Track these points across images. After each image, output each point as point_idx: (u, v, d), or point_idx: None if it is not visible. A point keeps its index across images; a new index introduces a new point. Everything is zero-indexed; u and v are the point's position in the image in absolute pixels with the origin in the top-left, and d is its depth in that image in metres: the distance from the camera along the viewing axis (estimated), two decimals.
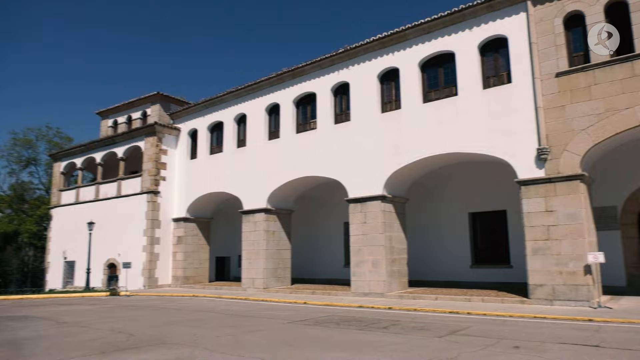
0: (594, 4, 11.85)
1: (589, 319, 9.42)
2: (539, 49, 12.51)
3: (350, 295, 15.32)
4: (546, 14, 12.53)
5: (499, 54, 13.50)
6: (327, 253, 20.99)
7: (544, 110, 12.23)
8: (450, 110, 13.96)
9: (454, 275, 17.03)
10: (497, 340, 7.58)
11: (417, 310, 11.65)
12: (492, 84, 13.52)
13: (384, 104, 15.69)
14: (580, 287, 11.29)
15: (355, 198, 15.66)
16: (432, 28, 14.49)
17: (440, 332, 8.51)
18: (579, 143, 11.68)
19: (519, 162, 12.56)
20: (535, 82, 12.40)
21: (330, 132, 16.69)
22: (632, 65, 11.19)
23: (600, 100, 11.51)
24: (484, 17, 13.55)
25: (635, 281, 13.59)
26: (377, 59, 15.73)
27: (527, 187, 12.33)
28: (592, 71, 11.70)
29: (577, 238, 11.48)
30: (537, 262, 11.93)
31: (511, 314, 10.39)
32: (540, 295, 11.78)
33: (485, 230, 17.26)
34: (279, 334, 8.78)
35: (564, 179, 11.79)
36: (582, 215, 11.53)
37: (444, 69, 14.55)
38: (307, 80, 17.63)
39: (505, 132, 12.85)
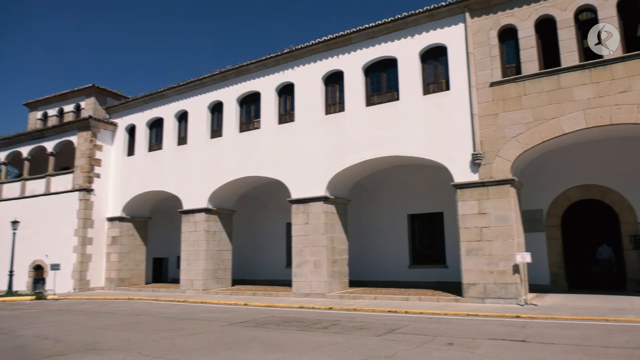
0: (526, 19, 12.61)
1: (517, 316, 10.00)
2: (475, 59, 13.12)
3: (291, 296, 15.32)
4: (482, 26, 13.17)
5: (439, 61, 14.03)
6: (269, 254, 20.87)
7: (478, 118, 12.85)
8: (392, 114, 14.33)
9: (393, 275, 17.48)
10: (432, 338, 7.86)
11: (357, 310, 11.85)
12: (431, 90, 14.02)
13: (328, 106, 15.84)
14: (509, 285, 11.96)
15: (298, 199, 15.69)
16: (376, 33, 14.80)
17: (379, 331, 8.70)
18: (510, 149, 12.38)
19: (455, 166, 13.11)
20: (472, 90, 13.00)
21: (274, 132, 16.62)
22: (558, 79, 12.01)
23: (530, 110, 12.26)
24: (425, 25, 14.03)
25: (558, 280, 14.58)
26: (322, 60, 15.86)
27: (462, 191, 12.89)
28: (523, 82, 12.44)
29: (507, 239, 12.15)
30: (471, 262, 12.50)
31: (446, 312, 10.81)
32: (473, 293, 12.35)
33: (423, 231, 17.86)
34: (218, 336, 8.61)
35: (496, 183, 12.45)
36: (512, 217, 12.22)
37: (387, 74, 14.91)
38: (251, 79, 17.45)
39: (443, 137, 13.36)
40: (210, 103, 18.47)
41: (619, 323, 8.86)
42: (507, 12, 12.87)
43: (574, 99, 11.74)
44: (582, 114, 11.60)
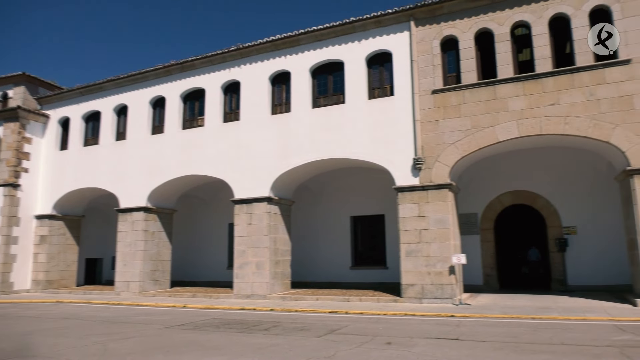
0: (467, 31, 13.17)
1: (452, 315, 10.40)
2: (419, 66, 13.54)
3: (232, 297, 15.08)
4: (426, 35, 13.62)
5: (384, 67, 14.35)
6: (210, 255, 20.45)
7: (420, 124, 13.26)
8: (337, 117, 14.48)
9: (335, 277, 17.66)
10: (371, 338, 8.01)
11: (299, 311, 11.85)
12: (376, 95, 14.31)
13: (274, 106, 15.76)
14: (445, 286, 12.42)
15: (241, 199, 15.48)
16: (324, 36, 14.91)
17: (319, 331, 8.74)
18: (449, 155, 12.87)
19: (397, 170, 13.45)
20: (415, 97, 13.40)
21: (219, 131, 16.31)
22: (495, 89, 12.64)
23: (468, 118, 12.81)
24: (372, 31, 14.31)
25: (490, 280, 15.33)
26: (270, 60, 15.76)
27: (403, 194, 13.24)
28: (462, 91, 12.99)
29: (444, 241, 12.61)
30: (410, 263, 12.87)
31: (385, 313, 11.06)
32: (411, 294, 12.72)
33: (365, 233, 18.18)
34: (154, 340, 8.31)
35: (435, 187, 12.89)
36: (450, 220, 12.70)
37: (334, 77, 15.06)
38: (196, 75, 17.02)
39: (386, 141, 13.67)
40: (152, 98, 17.83)
41: (544, 321, 9.43)
42: (449, 23, 13.39)
43: (509, 109, 12.40)
44: (515, 124, 12.27)
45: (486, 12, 13.01)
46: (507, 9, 12.79)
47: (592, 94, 11.67)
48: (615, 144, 11.38)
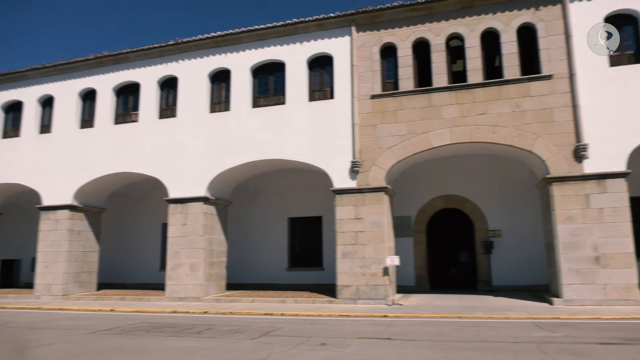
0: (405, 39, 13.60)
1: (384, 315, 10.66)
2: (358, 71, 13.80)
3: (164, 300, 14.56)
4: (367, 41, 13.91)
5: (325, 70, 14.48)
6: (142, 256, 19.63)
7: (359, 127, 13.51)
8: (278, 117, 14.42)
9: (272, 278, 17.56)
10: (306, 339, 8.02)
11: (233, 314, 11.66)
12: (317, 97, 14.41)
13: (213, 104, 15.42)
14: (379, 287, 12.71)
15: (176, 198, 15.01)
16: (266, 36, 14.80)
17: (254, 334, 8.64)
18: (386, 159, 13.21)
19: (335, 172, 13.61)
20: (354, 101, 13.63)
21: (154, 127, 15.71)
22: (430, 97, 13.13)
23: (404, 123, 13.22)
24: (314, 34, 14.40)
25: (421, 281, 15.88)
26: (210, 57, 15.41)
27: (341, 196, 13.42)
28: (400, 98, 13.38)
29: (379, 243, 12.91)
30: (346, 264, 13.05)
31: (320, 314, 11.14)
32: (347, 295, 12.90)
33: (303, 234, 18.24)
34: (77, 346, 7.84)
35: (372, 190, 13.18)
36: (385, 223, 13.03)
37: (275, 77, 14.99)
38: (131, 68, 16.30)
39: (325, 143, 13.80)
40: (82, 90, 16.86)
41: (470, 319, 9.89)
42: (389, 30, 13.75)
43: (442, 116, 12.93)
44: (448, 131, 12.82)
45: (424, 23, 13.50)
46: (443, 20, 13.35)
47: (518, 105, 12.44)
48: (537, 153, 12.19)
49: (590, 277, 11.35)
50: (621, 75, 11.92)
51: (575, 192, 11.77)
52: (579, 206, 11.70)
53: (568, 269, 11.52)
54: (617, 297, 11.12)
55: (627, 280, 11.15)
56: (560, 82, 12.24)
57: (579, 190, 11.75)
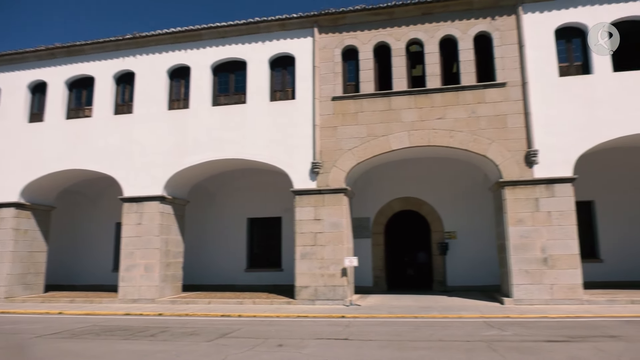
0: (366, 43, 13.76)
1: (342, 316, 10.73)
2: (320, 73, 13.85)
3: (117, 302, 14.09)
4: (329, 42, 13.98)
5: (287, 70, 14.44)
6: (94, 256, 18.91)
7: (320, 129, 13.56)
8: (238, 117, 14.26)
9: (230, 279, 17.33)
10: (263, 340, 7.97)
11: (189, 315, 11.43)
12: (278, 97, 14.35)
13: (171, 101, 15.07)
14: (338, 287, 12.79)
15: (132, 197, 14.56)
16: (227, 33, 14.61)
17: (210, 336, 8.50)
18: (346, 161, 13.32)
19: (295, 173, 13.59)
20: (315, 102, 13.67)
21: (109, 123, 15.18)
22: (390, 101, 13.35)
23: (365, 126, 13.37)
24: (277, 33, 14.33)
25: (379, 281, 16.10)
26: (169, 53, 15.05)
27: (300, 197, 13.42)
28: (360, 100, 13.53)
29: (338, 244, 13.00)
30: (304, 265, 13.06)
31: (278, 315, 11.09)
32: (305, 296, 12.91)
33: (262, 235, 18.10)
34: (22, 351, 7.45)
35: (331, 191, 13.25)
36: (344, 224, 13.13)
37: (236, 76, 14.82)
38: (85, 61, 15.69)
39: (286, 144, 13.76)
40: (31, 82, 16.08)
41: (425, 319, 10.11)
42: (351, 33, 13.88)
43: (402, 120, 13.17)
44: (407, 134, 13.07)
45: (385, 27, 13.71)
46: (403, 26, 13.60)
47: (474, 111, 12.84)
48: (491, 158, 12.62)
49: (539, 278, 11.85)
50: (569, 85, 12.51)
51: (525, 196, 12.26)
52: (529, 209, 12.19)
53: (518, 269, 11.98)
54: (563, 296, 11.66)
55: (572, 280, 11.71)
56: (514, 90, 12.72)
57: (529, 194, 12.25)
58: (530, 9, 12.93)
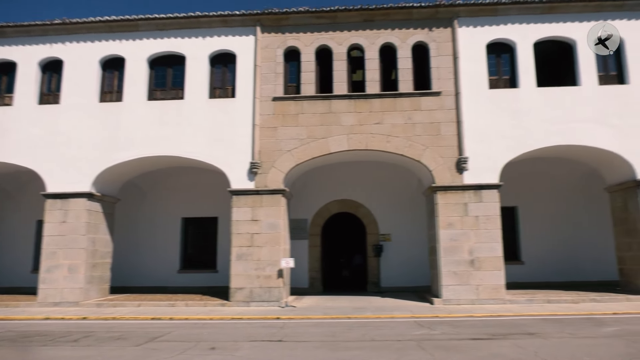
0: (309, 45, 13.83)
1: (277, 317, 10.69)
2: (261, 72, 13.73)
3: (36, 305, 13.14)
4: (271, 42, 13.90)
5: (228, 68, 14.19)
6: (11, 256, 17.48)
7: (259, 129, 13.44)
8: (175, 113, 13.81)
9: (162, 281, 16.70)
10: (195, 344, 7.76)
11: (117, 319, 10.89)
12: (218, 95, 14.07)
13: (103, 93, 14.33)
14: (273, 289, 12.73)
15: (56, 193, 13.67)
16: (166, 26, 14.12)
17: (139, 340, 8.15)
18: (285, 162, 13.29)
19: (233, 172, 13.38)
20: (255, 101, 13.54)
21: (32, 113, 14.16)
22: (330, 104, 13.49)
23: (304, 127, 13.42)
24: (218, 30, 14.05)
25: (315, 283, 16.20)
26: (102, 42, 14.30)
27: (238, 197, 13.23)
28: (301, 102, 13.56)
29: (274, 245, 12.94)
30: (240, 266, 12.88)
31: (212, 317, 10.85)
32: (240, 297, 12.73)
33: (197, 235, 17.62)
34: None
35: (269, 192, 13.18)
36: (281, 225, 13.09)
37: (174, 70, 14.35)
38: (7, 45, 14.54)
39: (224, 143, 13.51)
40: None
41: (359, 320, 10.30)
42: (293, 34, 13.89)
43: (341, 123, 13.36)
44: (346, 138, 13.27)
45: (327, 31, 13.85)
46: (345, 30, 13.81)
47: (410, 118, 13.28)
48: (424, 164, 13.10)
49: (466, 279, 12.45)
50: (498, 97, 13.27)
51: (456, 201, 12.85)
52: (458, 214, 12.78)
53: (447, 271, 12.52)
54: (487, 296, 12.33)
55: (496, 281, 12.41)
56: (447, 99, 13.30)
57: (459, 199, 12.84)
58: (464, 23, 13.59)
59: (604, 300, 12.34)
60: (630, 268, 13.40)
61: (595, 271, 15.75)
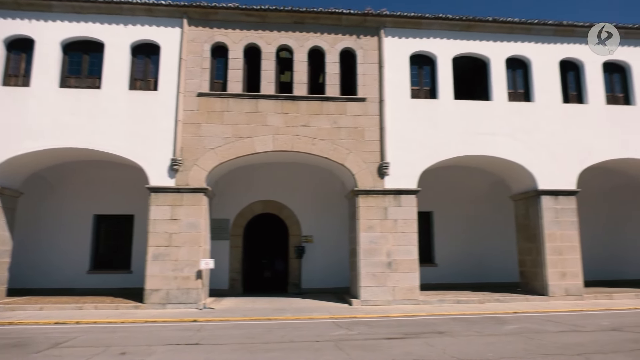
0: (237, 42, 13.61)
1: (194, 320, 10.37)
2: (187, 66, 13.29)
3: None
4: (198, 36, 13.50)
5: (151, 59, 13.57)
6: None
7: (182, 124, 13.00)
8: (91, 102, 12.95)
9: (69, 282, 15.53)
10: (104, 349, 7.31)
11: (14, 324, 9.97)
12: (138, 87, 13.40)
13: (7, 77, 13.10)
14: (191, 290, 12.34)
15: None
16: (83, 9, 13.21)
17: (39, 346, 7.52)
18: (208, 160, 12.96)
19: (153, 169, 12.80)
20: (180, 96, 13.07)
21: None
22: (257, 103, 13.37)
23: (230, 126, 13.18)
24: (142, 18, 13.40)
25: (235, 284, 15.94)
26: (8, 20, 13.06)
27: (157, 195, 12.68)
28: (227, 99, 13.31)
29: (194, 246, 12.55)
30: (156, 267, 12.35)
31: (124, 320, 10.29)
32: (155, 299, 12.19)
33: (111, 234, 16.61)
34: None
35: (191, 190, 12.77)
36: (202, 225, 12.74)
37: (91, 58, 13.46)
38: None
39: (144, 137, 12.89)
40: None
41: (278, 321, 10.28)
42: (222, 30, 13.60)
43: (267, 123, 13.28)
44: (272, 138, 13.21)
45: (257, 29, 13.72)
46: (275, 31, 13.76)
47: (335, 122, 13.51)
48: (348, 167, 13.38)
49: (383, 280, 12.88)
50: (419, 107, 13.91)
51: (376, 205, 13.26)
52: (378, 217, 13.20)
53: (366, 272, 12.88)
54: (402, 297, 12.84)
55: (411, 282, 12.97)
56: (372, 106, 13.70)
57: (379, 203, 13.27)
58: (390, 33, 14.09)
59: (507, 300, 13.34)
60: (529, 271, 14.62)
61: (500, 273, 16.98)
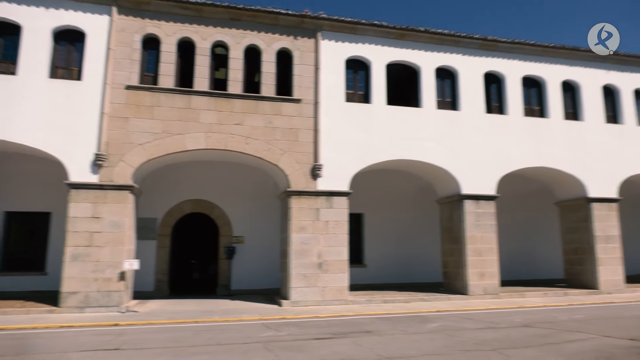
0: (171, 35, 13.14)
1: (115, 324, 9.85)
2: (115, 57, 12.63)
3: None
4: (128, 26, 12.88)
5: (75, 47, 12.75)
6: None
7: (108, 118, 12.33)
8: (5, 89, 11.93)
9: None
10: (11, 358, 6.72)
11: None
12: (60, 75, 12.54)
13: None
14: (113, 293, 11.71)
15: None
16: None
17: None
18: (135, 156, 12.38)
19: (73, 163, 12.02)
20: (106, 88, 12.39)
21: None
22: (190, 99, 12.98)
23: (160, 121, 12.68)
24: (66, 2, 12.55)
25: (161, 286, 15.34)
26: None
27: (77, 191, 11.92)
28: (158, 94, 12.80)
29: (117, 246, 11.93)
30: (75, 268, 11.60)
31: (36, 326, 9.55)
32: (72, 303, 11.44)
33: (23, 233, 15.36)
34: None
35: (115, 187, 12.13)
36: (126, 224, 12.14)
37: (6, 41, 12.43)
38: None
39: (65, 130, 12.08)
40: None
41: (206, 323, 10.01)
42: (154, 21, 13.07)
43: (200, 120, 12.93)
44: (204, 136, 12.88)
45: (192, 23, 13.33)
46: (211, 26, 13.45)
47: (270, 122, 13.43)
48: (282, 168, 13.35)
49: (314, 281, 12.97)
50: (353, 110, 14.17)
51: (309, 206, 13.33)
52: (310, 218, 13.28)
53: (297, 273, 12.90)
54: (332, 297, 13.00)
55: (341, 283, 13.16)
56: (307, 107, 13.77)
57: (312, 204, 13.36)
58: (327, 36, 14.25)
59: (431, 299, 13.92)
60: (452, 271, 15.36)
61: (425, 273, 17.70)
